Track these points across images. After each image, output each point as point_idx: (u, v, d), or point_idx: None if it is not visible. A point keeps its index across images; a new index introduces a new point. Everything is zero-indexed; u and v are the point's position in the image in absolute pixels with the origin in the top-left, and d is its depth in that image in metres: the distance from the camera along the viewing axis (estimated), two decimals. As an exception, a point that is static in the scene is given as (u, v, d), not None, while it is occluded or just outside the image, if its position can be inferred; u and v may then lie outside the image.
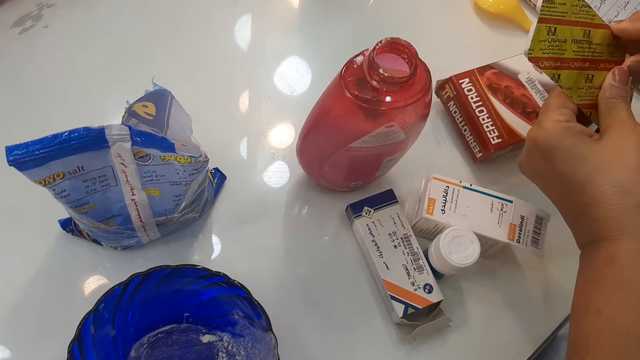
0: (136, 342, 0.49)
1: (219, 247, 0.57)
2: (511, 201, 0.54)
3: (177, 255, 0.56)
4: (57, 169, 0.41)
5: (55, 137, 0.39)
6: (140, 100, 0.47)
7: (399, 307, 0.51)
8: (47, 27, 0.67)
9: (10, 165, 0.39)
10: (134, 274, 0.44)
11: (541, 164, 0.46)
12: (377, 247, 0.54)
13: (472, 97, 0.61)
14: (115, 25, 0.69)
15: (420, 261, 0.53)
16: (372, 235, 0.55)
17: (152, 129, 0.45)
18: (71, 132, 0.39)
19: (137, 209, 0.48)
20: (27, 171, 0.40)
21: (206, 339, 0.50)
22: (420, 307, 0.51)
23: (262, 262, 0.56)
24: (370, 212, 0.56)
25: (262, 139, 0.63)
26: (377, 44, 0.43)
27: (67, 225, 0.54)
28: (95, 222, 0.48)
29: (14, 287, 0.53)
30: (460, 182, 0.55)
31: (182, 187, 0.48)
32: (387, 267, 0.53)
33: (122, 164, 0.43)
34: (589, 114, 0.47)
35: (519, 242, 0.53)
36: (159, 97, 0.48)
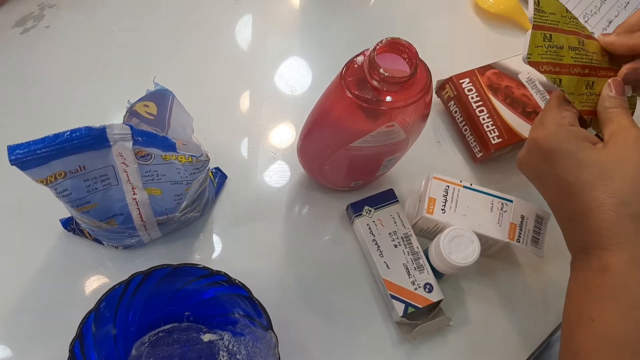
0: (137, 341, 0.49)
1: (219, 246, 0.57)
2: (511, 201, 0.54)
3: (178, 254, 0.56)
4: (59, 168, 0.41)
5: (56, 136, 0.39)
6: (141, 99, 0.47)
7: (399, 307, 0.51)
8: (48, 27, 0.67)
9: (12, 164, 0.39)
10: (135, 273, 0.44)
11: (541, 165, 0.46)
12: (378, 246, 0.54)
13: (473, 97, 0.61)
14: (116, 25, 0.69)
15: (420, 260, 0.53)
16: (373, 234, 0.55)
17: (153, 129, 0.45)
18: (73, 132, 0.40)
19: (138, 208, 0.49)
20: (29, 170, 0.40)
21: (207, 337, 0.50)
22: (420, 306, 0.52)
23: (263, 261, 0.56)
24: (370, 211, 0.56)
25: (262, 138, 0.63)
26: (377, 44, 0.43)
27: (69, 224, 0.54)
28: (96, 221, 0.48)
29: (15, 286, 0.53)
30: (460, 181, 0.55)
31: (183, 187, 0.48)
32: (387, 266, 0.53)
33: (123, 163, 0.44)
34: (589, 121, 0.47)
35: (519, 242, 0.53)
36: (160, 97, 0.48)
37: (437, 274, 0.53)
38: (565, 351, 0.43)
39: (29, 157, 0.39)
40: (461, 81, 0.62)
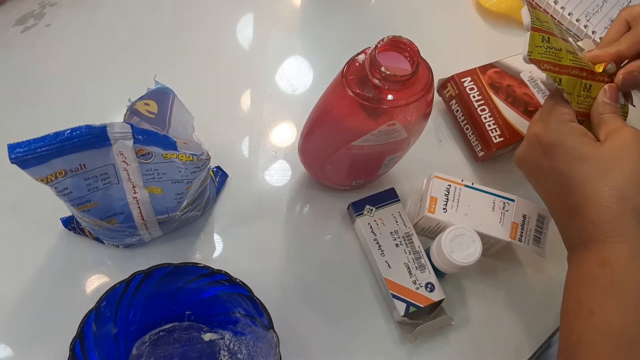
0: (138, 340, 0.49)
1: (220, 245, 0.57)
2: (513, 200, 0.54)
3: (179, 253, 0.56)
4: (59, 167, 0.41)
5: (57, 135, 0.39)
6: (142, 98, 0.47)
7: (401, 306, 0.51)
8: (49, 26, 0.67)
9: (12, 162, 0.39)
10: (136, 272, 0.44)
11: (541, 160, 0.47)
12: (379, 245, 0.54)
13: (474, 96, 0.61)
14: (117, 23, 0.69)
15: (422, 260, 0.53)
16: (374, 233, 0.55)
17: (154, 127, 0.45)
18: (73, 130, 0.40)
19: (139, 207, 0.49)
20: (29, 169, 0.40)
21: (208, 337, 0.50)
22: (421, 305, 0.51)
23: (264, 260, 0.56)
24: (372, 210, 0.56)
25: (263, 137, 0.63)
26: (379, 42, 0.42)
27: (69, 223, 0.54)
28: (97, 220, 0.48)
29: (15, 285, 0.53)
30: (462, 180, 0.55)
31: (184, 185, 0.48)
32: (388, 265, 0.53)
33: (124, 162, 0.43)
34: (582, 122, 0.48)
35: (520, 241, 0.53)
36: (161, 95, 0.48)
37: (438, 273, 0.53)
38: (564, 344, 0.43)
39: (30, 155, 0.39)
40: (463, 80, 0.62)
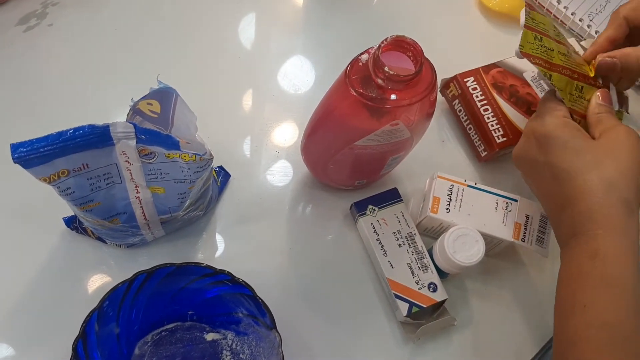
0: (140, 340, 0.49)
1: (222, 245, 0.57)
2: (516, 200, 0.54)
3: (181, 253, 0.56)
4: (62, 167, 0.41)
5: (60, 134, 0.39)
6: (145, 97, 0.47)
7: (403, 306, 0.51)
8: (51, 25, 0.67)
9: (15, 162, 0.39)
10: (138, 272, 0.44)
11: (536, 154, 0.48)
12: (382, 245, 0.54)
13: (477, 96, 0.61)
14: (119, 23, 0.69)
15: (424, 260, 0.53)
16: (377, 233, 0.54)
17: (156, 127, 0.45)
18: (76, 130, 0.39)
19: (141, 207, 0.48)
20: (32, 168, 0.40)
21: (210, 337, 0.50)
22: (424, 306, 0.51)
23: (266, 260, 0.56)
24: (374, 210, 0.56)
25: (266, 137, 0.63)
26: (382, 42, 0.42)
27: (72, 222, 0.54)
28: (99, 219, 0.48)
29: (18, 285, 0.53)
30: (465, 180, 0.55)
31: (187, 185, 0.48)
32: (391, 265, 0.53)
33: (126, 161, 0.43)
34: (578, 121, 0.49)
35: (524, 241, 0.52)
36: (164, 95, 0.48)
37: (441, 273, 0.53)
38: (559, 339, 0.43)
39: (32, 155, 0.39)
40: (466, 80, 0.62)
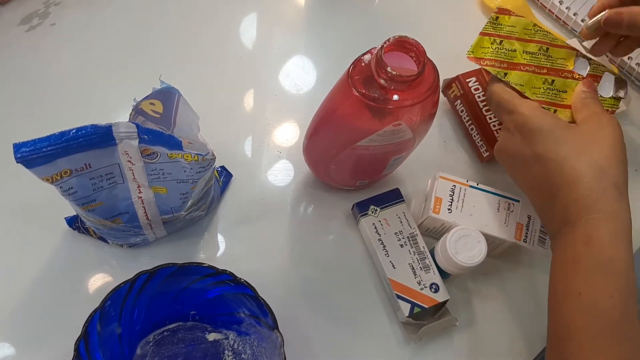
0: (142, 340, 0.49)
1: (224, 245, 0.57)
2: (518, 200, 0.54)
3: (183, 253, 0.56)
4: (65, 167, 0.41)
5: (62, 134, 0.39)
6: (147, 98, 0.47)
7: (405, 306, 0.51)
8: (54, 25, 0.67)
9: (17, 162, 0.39)
10: (140, 272, 0.44)
11: (520, 147, 0.48)
12: (383, 246, 0.54)
13: (479, 97, 0.61)
14: (122, 22, 0.69)
15: (426, 260, 0.53)
16: (378, 234, 0.54)
17: (159, 127, 0.45)
18: (79, 130, 0.40)
19: (143, 207, 0.48)
20: (35, 168, 0.40)
21: (212, 337, 0.50)
22: (426, 306, 0.51)
23: (268, 260, 0.56)
24: (376, 210, 0.56)
25: (268, 137, 0.63)
26: (385, 42, 0.42)
27: (74, 222, 0.54)
28: (101, 219, 0.48)
29: (20, 285, 0.53)
30: (467, 181, 0.55)
31: (189, 185, 0.48)
32: (393, 266, 0.53)
33: (129, 161, 0.43)
34: (554, 111, 0.52)
35: (525, 242, 0.52)
36: (166, 95, 0.48)
37: (443, 274, 0.53)
38: (553, 327, 0.43)
39: (35, 155, 0.39)
40: (468, 80, 0.62)
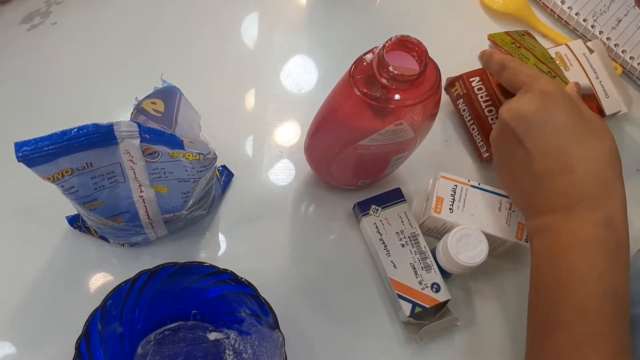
0: (143, 339, 0.49)
1: (225, 244, 0.57)
2: (520, 201, 0.54)
3: (184, 252, 0.56)
4: (66, 165, 0.41)
5: (64, 133, 0.39)
6: (149, 97, 0.47)
7: (406, 306, 0.51)
8: (55, 24, 0.67)
9: (19, 161, 0.39)
10: (142, 271, 0.44)
11: (539, 109, 0.47)
12: (385, 245, 0.54)
13: (482, 97, 0.61)
14: (123, 21, 0.69)
15: (427, 260, 0.53)
16: (380, 233, 0.54)
17: (160, 126, 0.45)
18: (80, 129, 0.40)
19: (145, 206, 0.48)
20: (36, 167, 0.40)
21: (213, 336, 0.50)
22: (427, 306, 0.51)
23: (269, 260, 0.56)
24: (377, 210, 0.56)
25: (269, 136, 0.63)
26: (387, 42, 0.42)
27: (75, 221, 0.54)
28: (103, 218, 0.48)
29: (21, 284, 0.53)
30: (468, 181, 0.54)
31: (190, 184, 0.48)
32: (394, 265, 0.53)
33: (130, 160, 0.43)
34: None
35: (527, 242, 0.52)
36: (168, 94, 0.48)
37: (444, 273, 0.53)
38: (565, 309, 0.42)
39: (36, 154, 0.39)
40: (471, 79, 0.62)
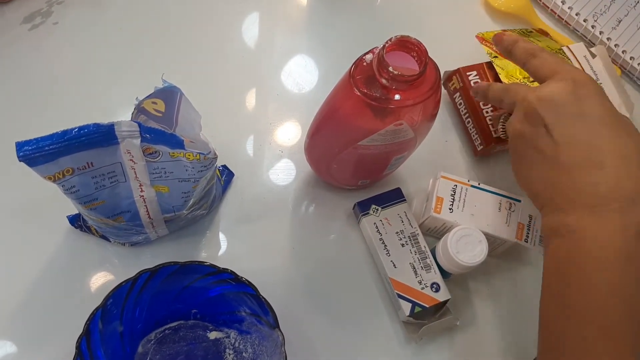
0: (144, 338, 0.49)
1: (226, 244, 0.57)
2: (519, 200, 0.54)
3: (185, 252, 0.56)
4: (67, 165, 0.41)
5: (65, 133, 0.39)
6: (149, 97, 0.47)
7: (406, 306, 0.51)
8: (57, 24, 0.68)
9: (20, 160, 0.39)
10: (142, 270, 0.44)
11: (570, 98, 0.44)
12: (385, 245, 0.54)
13: (479, 91, 0.61)
14: (124, 21, 0.69)
15: (427, 260, 0.53)
16: (380, 233, 0.54)
17: (161, 126, 0.45)
18: (81, 128, 0.40)
19: (145, 206, 0.49)
20: (37, 167, 0.40)
21: (213, 335, 0.50)
22: (427, 305, 0.51)
23: (269, 259, 0.56)
24: (377, 210, 0.56)
25: (269, 136, 0.63)
26: (386, 42, 0.42)
27: (76, 221, 0.54)
28: (104, 218, 0.48)
29: (22, 283, 0.53)
30: (468, 180, 0.55)
31: (191, 184, 0.48)
32: (394, 265, 0.53)
33: (131, 160, 0.44)
34: None
35: (526, 242, 0.52)
36: (168, 94, 0.48)
37: (444, 273, 0.53)
38: (588, 324, 0.42)
39: (37, 153, 0.39)
40: (468, 73, 0.62)
